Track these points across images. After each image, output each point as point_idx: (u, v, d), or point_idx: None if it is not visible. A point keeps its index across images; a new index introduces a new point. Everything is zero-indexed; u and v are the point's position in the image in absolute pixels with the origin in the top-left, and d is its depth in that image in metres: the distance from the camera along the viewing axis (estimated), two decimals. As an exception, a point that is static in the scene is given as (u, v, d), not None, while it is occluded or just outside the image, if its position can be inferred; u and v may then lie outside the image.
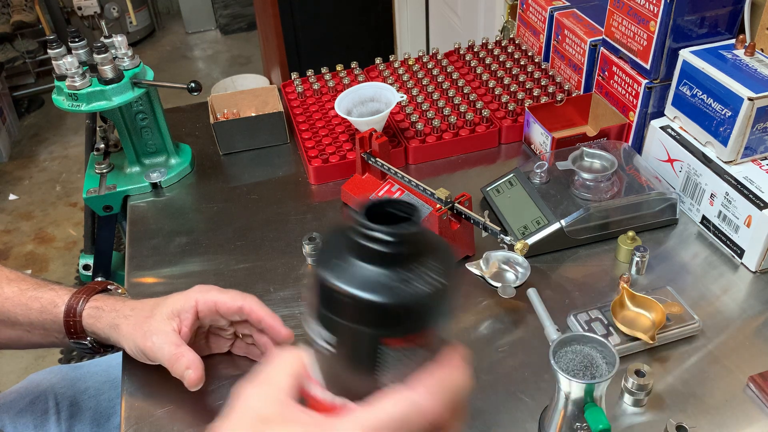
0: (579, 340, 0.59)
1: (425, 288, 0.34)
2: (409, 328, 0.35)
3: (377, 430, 0.36)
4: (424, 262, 0.35)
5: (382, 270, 0.34)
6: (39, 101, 3.22)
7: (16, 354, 1.94)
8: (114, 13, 3.43)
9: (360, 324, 0.35)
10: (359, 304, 0.34)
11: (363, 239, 0.34)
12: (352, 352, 0.36)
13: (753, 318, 0.76)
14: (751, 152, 0.83)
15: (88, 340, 0.71)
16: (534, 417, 0.66)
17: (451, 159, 1.06)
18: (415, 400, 0.36)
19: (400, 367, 0.36)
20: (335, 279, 0.34)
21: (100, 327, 0.69)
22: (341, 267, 0.35)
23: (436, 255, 0.36)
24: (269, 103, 1.15)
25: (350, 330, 0.35)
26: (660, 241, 0.87)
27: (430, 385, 0.37)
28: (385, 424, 0.36)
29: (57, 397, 0.91)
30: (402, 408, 0.36)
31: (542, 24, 1.17)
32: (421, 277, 0.35)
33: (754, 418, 0.66)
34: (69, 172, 2.75)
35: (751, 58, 0.84)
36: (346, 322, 0.35)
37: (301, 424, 0.37)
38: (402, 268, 0.35)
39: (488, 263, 0.79)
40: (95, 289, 0.73)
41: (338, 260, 0.35)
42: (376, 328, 0.35)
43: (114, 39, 0.95)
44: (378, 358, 0.36)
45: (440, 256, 0.37)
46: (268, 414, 0.38)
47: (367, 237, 0.34)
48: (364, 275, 0.34)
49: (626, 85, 0.96)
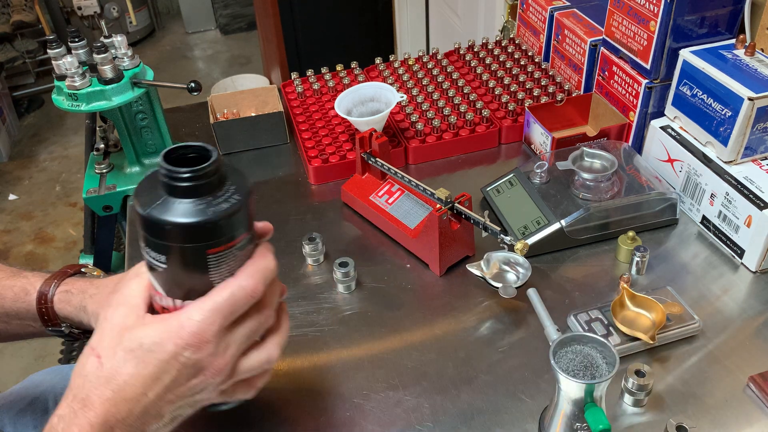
0: (579, 340, 0.59)
1: (227, 206, 0.48)
2: (223, 237, 0.49)
3: (213, 311, 0.49)
4: (221, 187, 0.49)
5: (191, 200, 0.47)
6: (39, 101, 3.22)
7: (17, 354, 1.94)
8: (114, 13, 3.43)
9: (186, 243, 0.48)
10: (185, 228, 0.47)
11: (171, 180, 0.47)
12: (185, 265, 0.49)
13: (753, 318, 0.76)
14: (751, 152, 0.83)
15: (63, 326, 0.69)
16: (534, 417, 0.66)
17: (451, 159, 1.06)
18: (238, 283, 0.50)
19: (226, 266, 0.50)
20: (161, 214, 0.47)
21: (71, 311, 0.67)
22: (162, 204, 0.47)
23: (232, 179, 0.50)
24: (269, 103, 1.15)
25: (180, 249, 0.48)
26: (660, 241, 0.87)
27: (248, 270, 0.50)
28: (219, 305, 0.49)
29: (57, 397, 0.91)
30: (229, 291, 0.49)
31: (542, 24, 1.17)
32: (222, 198, 0.48)
33: (754, 418, 0.66)
34: (69, 172, 2.75)
35: (752, 58, 0.84)
36: (176, 244, 0.48)
37: (156, 323, 0.50)
38: (206, 195, 0.47)
39: (489, 264, 0.79)
40: (67, 273, 0.71)
41: (157, 198, 0.47)
42: (200, 243, 0.48)
43: (114, 39, 0.95)
44: (208, 264, 0.49)
45: (234, 180, 0.50)
46: (130, 324, 0.50)
47: (174, 178, 0.47)
48: (179, 207, 0.47)
49: (626, 85, 0.96)
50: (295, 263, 0.88)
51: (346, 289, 0.83)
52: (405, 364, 0.73)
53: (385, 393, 0.70)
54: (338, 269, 0.81)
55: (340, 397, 0.70)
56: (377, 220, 0.92)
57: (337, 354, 0.76)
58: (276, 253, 0.90)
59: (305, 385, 0.72)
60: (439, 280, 0.84)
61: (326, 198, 1.00)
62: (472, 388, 0.70)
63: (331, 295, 0.83)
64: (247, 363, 0.53)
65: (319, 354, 0.76)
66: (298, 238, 0.90)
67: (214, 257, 0.49)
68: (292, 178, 1.05)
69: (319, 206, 0.98)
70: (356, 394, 0.70)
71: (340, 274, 0.81)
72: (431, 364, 0.73)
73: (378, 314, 0.80)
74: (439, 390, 0.70)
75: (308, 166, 1.02)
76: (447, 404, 0.69)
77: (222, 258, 0.49)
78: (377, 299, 0.82)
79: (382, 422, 0.67)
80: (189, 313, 0.49)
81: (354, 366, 0.74)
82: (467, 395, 0.70)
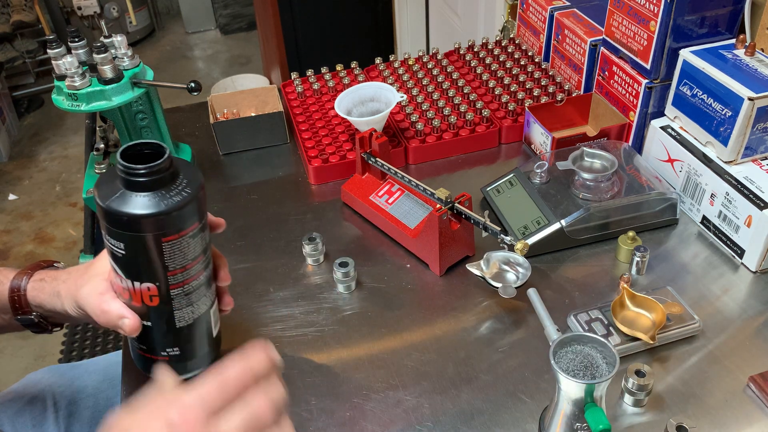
0: (579, 340, 0.59)
1: (179, 198, 0.53)
2: (176, 226, 0.54)
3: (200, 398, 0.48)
4: (174, 181, 0.54)
5: (147, 193, 0.53)
6: (39, 101, 3.21)
7: (16, 354, 1.94)
8: (114, 12, 3.43)
9: (143, 232, 0.53)
10: (140, 219, 0.52)
11: (128, 176, 0.52)
12: (142, 252, 0.55)
13: (753, 318, 0.76)
14: (751, 152, 0.83)
15: (33, 314, 0.71)
16: (534, 417, 0.66)
17: (451, 159, 1.06)
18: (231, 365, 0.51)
19: (180, 252, 0.56)
20: (119, 206, 0.52)
21: (44, 298, 0.69)
22: (120, 196, 0.53)
23: (184, 174, 0.55)
24: (269, 103, 1.15)
25: (137, 237, 0.54)
26: (660, 241, 0.87)
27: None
28: (216, 389, 0.49)
29: (55, 396, 0.91)
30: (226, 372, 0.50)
31: (542, 24, 1.17)
32: (175, 192, 0.54)
33: (754, 418, 0.66)
34: (69, 172, 2.75)
35: (752, 58, 0.84)
36: (133, 233, 0.53)
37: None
38: (160, 189, 0.53)
39: (489, 264, 0.79)
40: (40, 266, 0.73)
41: (116, 191, 0.53)
42: (155, 232, 0.53)
43: (114, 39, 0.95)
44: (163, 250, 0.55)
45: (187, 175, 0.55)
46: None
47: (130, 174, 0.52)
48: (136, 200, 0.52)
49: (626, 85, 0.96)
50: (295, 263, 0.88)
51: (346, 289, 0.83)
52: (405, 364, 0.73)
53: (385, 393, 0.70)
54: (338, 269, 0.81)
55: (340, 397, 0.70)
56: (377, 220, 0.92)
57: (337, 354, 0.76)
58: (276, 253, 0.91)
59: (305, 385, 0.72)
60: (439, 280, 0.84)
61: (326, 198, 1.00)
62: (472, 388, 0.70)
63: (331, 295, 0.83)
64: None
65: (319, 354, 0.76)
66: (298, 238, 0.90)
67: (168, 244, 0.55)
68: (292, 178, 1.05)
69: (319, 206, 0.98)
70: (356, 394, 0.70)
71: (340, 274, 0.81)
72: (431, 364, 0.73)
73: (378, 314, 0.80)
74: (439, 390, 0.70)
75: (308, 166, 1.02)
76: (447, 404, 0.69)
77: (175, 245, 0.55)
78: (377, 299, 0.82)
79: (382, 422, 0.67)
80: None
81: (354, 366, 0.74)
82: (467, 395, 0.70)
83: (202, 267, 0.60)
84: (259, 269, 0.88)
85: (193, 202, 0.55)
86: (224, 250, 0.90)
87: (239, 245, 0.92)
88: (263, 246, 0.91)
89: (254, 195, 1.01)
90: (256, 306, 0.82)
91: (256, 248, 0.91)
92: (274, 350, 0.53)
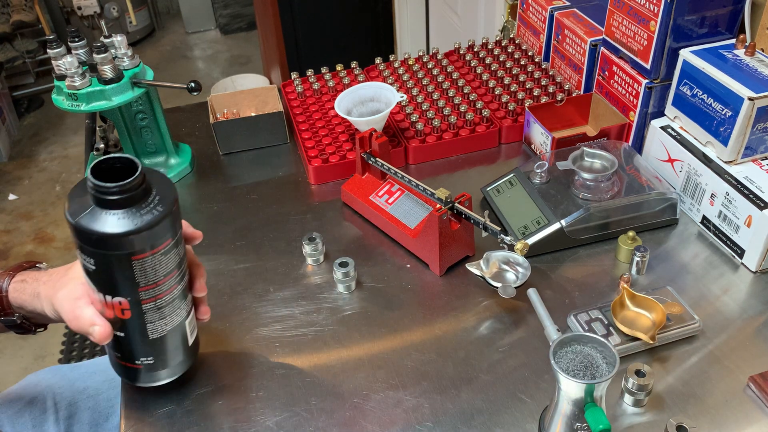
0: (579, 340, 0.59)
1: (150, 217, 0.52)
2: (146, 245, 0.53)
3: None
4: (146, 198, 0.52)
5: (117, 211, 0.51)
6: (39, 101, 3.21)
7: (16, 354, 1.94)
8: (114, 12, 3.43)
9: (112, 251, 0.52)
10: (110, 239, 0.51)
11: (98, 194, 0.50)
12: (112, 269, 0.54)
13: (753, 318, 0.76)
14: (751, 152, 0.83)
15: (15, 316, 0.71)
16: (534, 417, 0.66)
17: (451, 159, 1.06)
18: None
19: (151, 269, 0.54)
20: (89, 224, 0.51)
21: (25, 299, 0.69)
22: (89, 213, 0.51)
23: (157, 190, 0.53)
24: (269, 103, 1.15)
25: (107, 255, 0.53)
26: (660, 241, 0.87)
27: None
28: None
29: (55, 396, 0.91)
30: None
31: (542, 24, 1.17)
32: (146, 210, 0.52)
33: (754, 418, 0.66)
34: (69, 172, 2.75)
35: (752, 57, 0.84)
36: (103, 251, 0.52)
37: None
38: (131, 206, 0.51)
39: (488, 263, 0.79)
40: (22, 266, 0.73)
41: (86, 208, 0.51)
42: (124, 251, 0.52)
43: (114, 39, 0.95)
44: (133, 267, 0.53)
45: (160, 190, 0.54)
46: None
47: (100, 192, 0.50)
48: (106, 218, 0.51)
49: (626, 85, 0.96)
50: (295, 263, 0.88)
51: (346, 289, 0.83)
52: (405, 364, 0.73)
53: (385, 393, 0.70)
54: (338, 269, 0.81)
55: (340, 397, 0.70)
56: (377, 220, 0.92)
57: (337, 354, 0.76)
58: (276, 253, 0.91)
59: (305, 385, 0.72)
60: (439, 280, 0.84)
61: (326, 198, 1.00)
62: (472, 388, 0.70)
63: (331, 295, 0.83)
64: None
65: (319, 354, 0.76)
66: (298, 238, 0.90)
67: (138, 262, 0.53)
68: (292, 178, 1.05)
69: (319, 206, 0.98)
70: (356, 394, 0.70)
71: (340, 274, 0.81)
72: (431, 364, 0.73)
73: (378, 314, 0.80)
74: (439, 390, 0.70)
75: (308, 166, 1.02)
76: (447, 404, 0.69)
77: (147, 262, 0.54)
78: (377, 299, 0.82)
79: (382, 422, 0.67)
80: None
81: (354, 366, 0.74)
82: (467, 395, 0.70)
83: (176, 281, 0.59)
84: (259, 269, 0.88)
85: (166, 220, 0.53)
86: (224, 250, 0.91)
87: (239, 245, 0.92)
88: (263, 246, 0.91)
89: (254, 195, 1.01)
90: (256, 306, 0.82)
91: (256, 248, 0.91)
92: None
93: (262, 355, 0.76)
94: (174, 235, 0.56)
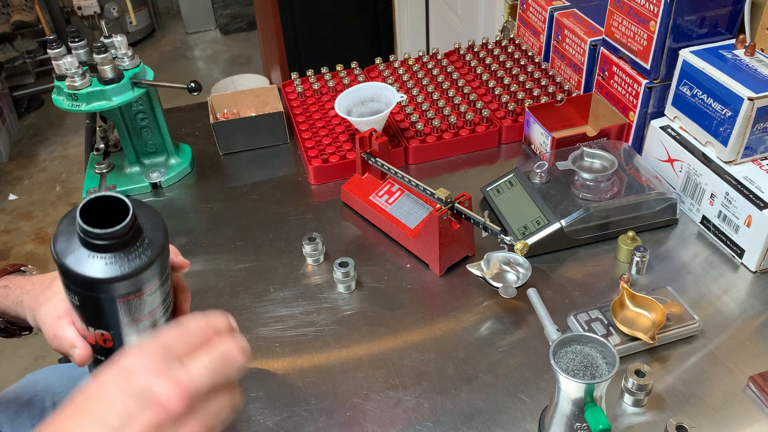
0: (579, 340, 0.59)
1: (137, 262, 0.49)
2: (132, 289, 0.51)
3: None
4: (135, 242, 0.50)
5: (104, 255, 0.49)
6: (39, 101, 3.21)
7: (16, 354, 1.94)
8: (114, 13, 3.43)
9: (96, 294, 0.50)
10: (95, 282, 0.49)
11: (86, 237, 0.48)
12: (96, 308, 0.52)
13: (753, 318, 0.76)
14: (751, 152, 0.83)
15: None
16: (534, 417, 0.66)
17: (451, 159, 1.06)
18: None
19: (137, 310, 0.53)
20: (74, 266, 0.48)
21: (9, 305, 0.68)
22: (76, 254, 0.49)
23: (148, 231, 0.51)
24: (269, 103, 1.15)
25: (91, 296, 0.51)
26: (660, 241, 0.87)
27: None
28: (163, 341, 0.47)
29: (54, 396, 0.90)
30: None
31: (542, 24, 1.17)
32: (134, 255, 0.50)
33: (754, 418, 0.66)
34: (69, 172, 2.75)
35: (751, 58, 0.84)
36: (87, 293, 0.50)
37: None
38: (118, 251, 0.49)
39: (489, 264, 0.79)
40: (6, 270, 0.72)
41: (73, 247, 0.49)
42: (109, 294, 0.50)
43: (114, 39, 0.95)
44: (117, 309, 0.52)
45: (150, 232, 0.51)
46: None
47: (88, 235, 0.48)
48: (92, 261, 0.49)
49: (626, 85, 0.96)
50: (295, 263, 0.88)
51: (346, 289, 0.83)
52: (405, 364, 0.73)
53: (385, 393, 0.70)
54: (338, 269, 0.81)
55: (340, 397, 0.70)
56: (377, 220, 0.92)
57: (337, 354, 0.76)
58: (276, 253, 0.91)
59: (305, 385, 0.72)
60: (439, 280, 0.84)
61: (326, 198, 1.00)
62: (472, 388, 0.70)
63: (331, 295, 0.83)
64: None
65: (319, 354, 0.76)
66: (298, 238, 0.90)
67: (123, 303, 0.52)
68: (292, 178, 1.05)
69: (319, 206, 0.98)
70: (356, 394, 0.70)
71: (340, 274, 0.81)
72: (431, 364, 0.73)
73: (378, 314, 0.80)
74: (439, 390, 0.70)
75: (308, 166, 1.02)
76: (447, 404, 0.69)
77: (132, 303, 0.52)
78: (377, 299, 0.82)
79: (382, 422, 0.67)
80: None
81: (354, 366, 0.74)
82: (467, 395, 0.70)
83: (161, 315, 0.58)
84: (259, 269, 0.88)
85: (154, 264, 0.51)
86: (224, 250, 0.91)
87: (239, 245, 0.92)
88: (263, 246, 0.91)
89: (254, 195, 1.01)
90: (256, 306, 0.82)
91: (256, 248, 0.91)
92: (234, 319, 0.51)
93: (262, 355, 0.76)
94: (161, 276, 0.54)
